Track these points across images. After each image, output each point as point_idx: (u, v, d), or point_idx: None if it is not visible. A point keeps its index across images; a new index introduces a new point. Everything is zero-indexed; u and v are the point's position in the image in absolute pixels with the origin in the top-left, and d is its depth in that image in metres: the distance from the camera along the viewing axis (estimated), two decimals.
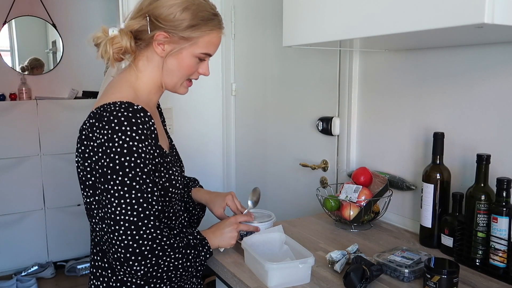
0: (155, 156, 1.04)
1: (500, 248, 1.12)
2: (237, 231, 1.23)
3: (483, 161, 1.19)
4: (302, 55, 2.01)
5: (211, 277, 1.99)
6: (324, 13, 1.20)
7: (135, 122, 0.98)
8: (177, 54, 1.08)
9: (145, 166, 0.99)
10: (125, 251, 0.96)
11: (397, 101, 1.56)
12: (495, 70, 1.26)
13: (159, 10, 1.05)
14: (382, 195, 1.49)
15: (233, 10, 2.46)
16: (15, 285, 3.06)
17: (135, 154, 0.97)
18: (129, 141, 0.97)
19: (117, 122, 0.97)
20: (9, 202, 3.29)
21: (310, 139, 2.00)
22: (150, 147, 1.01)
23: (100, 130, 0.98)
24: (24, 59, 3.58)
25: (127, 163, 0.96)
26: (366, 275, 1.04)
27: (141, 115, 1.00)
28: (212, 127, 2.66)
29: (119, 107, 0.99)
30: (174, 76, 1.12)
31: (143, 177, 0.98)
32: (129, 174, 0.96)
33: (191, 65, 1.11)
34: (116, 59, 1.10)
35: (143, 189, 0.98)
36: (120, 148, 0.96)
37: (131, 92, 1.08)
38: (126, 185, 0.96)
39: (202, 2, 1.08)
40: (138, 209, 0.96)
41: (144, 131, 0.99)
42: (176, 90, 1.16)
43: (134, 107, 1.01)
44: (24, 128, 3.31)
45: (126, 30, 1.09)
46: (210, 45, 1.11)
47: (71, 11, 3.64)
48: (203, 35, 1.08)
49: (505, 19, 0.84)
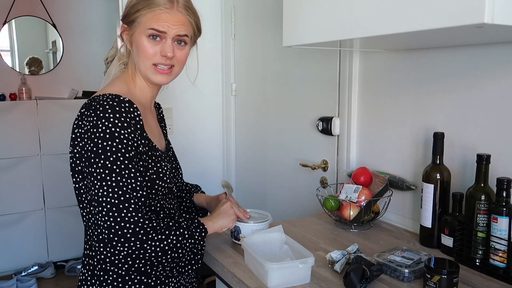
0: (140, 144, 1.09)
1: (500, 248, 1.12)
2: (233, 211, 1.26)
3: (483, 161, 1.19)
4: (302, 55, 2.01)
5: (211, 277, 1.99)
6: (324, 13, 1.20)
7: (119, 111, 1.04)
8: (134, 40, 1.15)
9: (127, 152, 1.03)
10: (108, 231, 1.00)
11: (397, 101, 1.56)
12: (495, 70, 1.26)
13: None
14: (382, 195, 1.49)
15: (233, 10, 2.46)
16: (15, 285, 3.06)
17: (116, 140, 1.02)
18: (111, 127, 1.02)
19: (102, 109, 1.04)
20: (9, 202, 3.29)
21: (310, 139, 2.00)
22: (133, 134, 1.06)
23: (88, 118, 1.05)
24: (24, 59, 3.58)
25: (108, 147, 1.02)
26: (366, 275, 1.04)
27: (126, 105, 1.07)
28: (212, 127, 2.66)
29: (107, 98, 1.06)
30: (139, 62, 1.16)
31: (124, 162, 1.02)
32: (110, 158, 1.01)
33: (146, 46, 1.13)
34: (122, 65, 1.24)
35: (124, 173, 1.02)
36: (103, 133, 1.02)
37: (123, 87, 1.16)
38: (107, 168, 1.01)
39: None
40: (119, 192, 1.01)
41: (127, 119, 1.05)
42: (149, 77, 1.17)
43: (121, 98, 1.07)
44: (24, 128, 3.31)
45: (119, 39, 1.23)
46: (154, 21, 1.12)
47: (71, 11, 3.64)
48: (144, 14, 1.12)
49: (505, 19, 0.84)
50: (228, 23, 2.49)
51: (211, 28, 2.56)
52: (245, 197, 2.51)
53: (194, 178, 2.48)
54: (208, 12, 2.54)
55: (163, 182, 1.15)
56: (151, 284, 1.16)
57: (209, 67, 2.59)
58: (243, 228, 1.30)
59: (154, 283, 1.16)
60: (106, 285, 1.12)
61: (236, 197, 1.64)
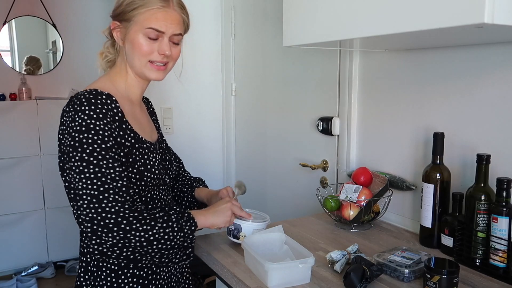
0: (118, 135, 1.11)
1: (500, 248, 1.12)
2: (231, 211, 1.24)
3: (483, 161, 1.19)
4: (302, 55, 2.01)
5: (211, 277, 1.99)
6: (324, 13, 1.20)
7: (95, 103, 1.07)
8: (128, 37, 1.16)
9: (103, 143, 1.05)
10: (91, 224, 1.01)
11: (397, 101, 1.56)
12: (495, 70, 1.26)
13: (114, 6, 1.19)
14: (382, 195, 1.49)
15: (233, 10, 2.46)
16: (15, 285, 3.06)
17: (92, 131, 1.04)
18: (87, 119, 1.05)
19: (79, 103, 1.07)
20: (9, 202, 3.29)
21: (310, 139, 2.00)
22: (109, 125, 1.08)
23: (67, 114, 1.09)
24: (23, 59, 3.58)
25: (84, 139, 1.04)
26: (366, 275, 1.04)
27: (103, 97, 1.10)
28: (212, 127, 2.66)
29: (85, 93, 1.10)
30: (134, 59, 1.17)
31: (101, 153, 1.04)
32: (87, 150, 1.03)
33: (142, 44, 1.15)
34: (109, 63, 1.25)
35: (102, 164, 1.03)
36: (79, 126, 1.05)
37: (106, 83, 1.19)
38: (84, 161, 1.03)
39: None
40: (98, 183, 1.02)
41: (103, 110, 1.08)
42: (145, 74, 1.20)
43: (98, 91, 1.11)
44: (24, 128, 3.30)
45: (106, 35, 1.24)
46: (152, 20, 1.14)
47: (71, 11, 3.64)
48: (142, 13, 1.14)
49: (505, 19, 0.84)
50: (228, 23, 2.49)
51: (211, 28, 2.55)
52: (245, 197, 2.50)
53: None
54: (208, 12, 2.54)
55: (151, 173, 1.17)
56: (143, 276, 1.18)
57: (209, 67, 2.59)
58: (244, 226, 1.29)
59: (146, 274, 1.18)
60: (100, 280, 1.15)
61: None
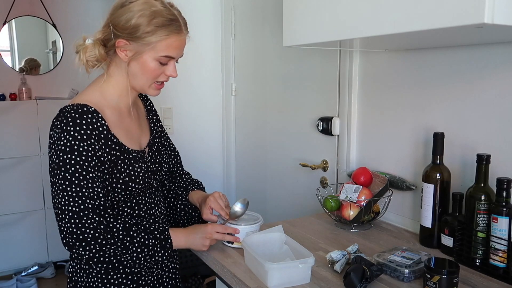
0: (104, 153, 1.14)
1: (500, 248, 1.12)
2: (209, 240, 1.24)
3: (483, 161, 1.19)
4: (302, 55, 2.01)
5: (211, 277, 1.99)
6: (324, 13, 1.20)
7: (79, 123, 1.10)
8: (139, 59, 1.15)
9: (85, 163, 1.09)
10: (70, 237, 1.08)
11: (397, 101, 1.56)
12: (495, 70, 1.26)
13: (118, 19, 1.14)
14: (382, 195, 1.49)
15: (233, 10, 2.46)
16: (15, 285, 3.06)
17: (75, 153, 1.09)
18: (71, 140, 1.09)
19: (65, 122, 1.10)
20: (9, 202, 3.29)
21: (310, 139, 2.00)
22: (93, 146, 1.11)
23: (55, 129, 1.12)
24: (24, 59, 3.58)
25: (68, 160, 1.09)
26: (366, 275, 1.04)
27: (89, 116, 1.12)
28: (212, 127, 2.66)
29: (71, 109, 1.12)
30: (140, 79, 1.19)
31: (82, 173, 1.09)
32: (69, 170, 1.08)
33: (153, 69, 1.17)
34: (91, 65, 1.20)
35: (82, 184, 1.09)
36: (64, 146, 1.09)
37: (96, 95, 1.19)
38: (67, 180, 1.08)
39: (159, 9, 1.13)
40: (79, 201, 1.08)
41: (88, 131, 1.11)
42: (145, 91, 1.23)
43: (85, 108, 1.12)
44: (24, 128, 3.30)
45: (96, 39, 1.18)
46: (169, 48, 1.15)
47: (71, 11, 3.64)
48: (160, 40, 1.13)
49: (505, 19, 0.84)
50: (228, 23, 2.49)
51: (211, 28, 2.55)
52: (245, 197, 2.51)
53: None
54: (208, 12, 2.54)
55: (136, 184, 1.20)
56: (135, 272, 1.23)
57: (209, 67, 2.59)
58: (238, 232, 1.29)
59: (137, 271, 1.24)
60: (92, 276, 1.21)
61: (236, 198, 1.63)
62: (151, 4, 1.13)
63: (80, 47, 1.18)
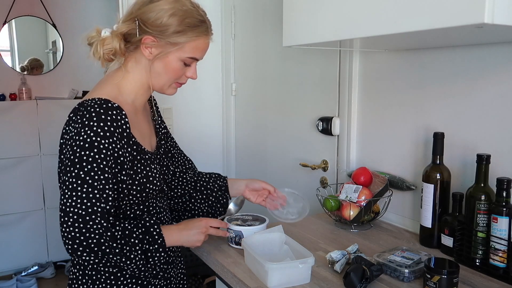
0: (124, 153, 1.07)
1: (500, 248, 1.12)
2: (204, 234, 1.20)
3: (483, 161, 1.19)
4: (302, 55, 2.01)
5: (211, 277, 1.99)
6: (324, 13, 1.20)
7: (104, 119, 1.03)
8: (164, 58, 1.12)
9: (102, 162, 1.02)
10: (73, 242, 1.00)
11: (397, 101, 1.56)
12: (495, 70, 1.26)
13: (147, 15, 1.09)
14: (382, 195, 1.49)
15: (233, 10, 2.46)
16: (15, 285, 3.06)
17: (95, 150, 1.01)
18: (92, 136, 1.01)
19: (88, 117, 1.02)
20: (9, 202, 3.29)
21: (310, 139, 2.00)
22: (115, 144, 1.04)
23: (74, 124, 1.04)
24: (24, 59, 3.58)
25: (85, 157, 1.01)
26: (366, 275, 1.04)
27: (113, 112, 1.05)
28: (212, 127, 2.66)
29: (95, 103, 1.04)
30: (161, 78, 1.16)
31: (98, 173, 1.01)
32: (85, 168, 1.00)
33: (177, 69, 1.15)
34: (106, 59, 1.14)
35: (95, 185, 1.01)
36: (83, 142, 1.01)
37: (114, 90, 1.13)
38: (80, 179, 1.00)
39: (190, 9, 1.12)
40: (87, 204, 1.00)
41: (111, 128, 1.04)
42: (164, 91, 1.20)
43: (109, 104, 1.05)
44: (24, 128, 3.31)
45: (117, 33, 1.12)
46: (197, 50, 1.14)
47: (71, 11, 3.64)
48: (189, 41, 1.11)
49: (505, 19, 0.84)
50: (228, 23, 2.49)
51: None
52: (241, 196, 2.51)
53: None
54: (208, 12, 2.53)
55: (153, 185, 1.16)
56: (142, 279, 1.17)
57: (209, 67, 2.59)
58: (245, 232, 1.29)
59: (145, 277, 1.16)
60: (99, 283, 1.13)
61: None
62: (182, 3, 1.11)
63: (94, 39, 1.13)
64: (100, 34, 1.12)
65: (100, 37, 1.12)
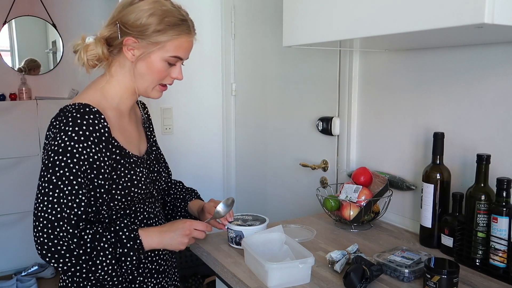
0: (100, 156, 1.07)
1: (500, 248, 1.12)
2: (188, 237, 1.18)
3: (483, 161, 1.19)
4: (302, 55, 2.01)
5: (211, 277, 1.99)
6: (324, 13, 1.20)
7: (79, 123, 1.03)
8: (146, 58, 1.12)
9: (75, 167, 1.02)
10: (41, 247, 1.01)
11: (397, 101, 1.56)
12: (495, 70, 1.26)
13: (127, 17, 1.11)
14: (382, 195, 1.49)
15: (233, 10, 2.46)
16: (15, 285, 3.06)
17: (67, 154, 1.01)
18: (66, 141, 1.02)
19: (65, 122, 1.03)
20: (9, 202, 3.29)
21: (310, 139, 2.00)
22: (89, 149, 1.04)
23: (53, 129, 1.05)
24: (24, 59, 3.59)
25: (58, 161, 1.01)
26: (366, 275, 1.04)
27: (90, 116, 1.06)
28: (212, 127, 2.66)
29: (73, 108, 1.05)
30: (145, 80, 1.15)
31: (70, 178, 1.01)
32: (57, 173, 1.01)
33: (161, 69, 1.14)
34: (91, 65, 1.15)
35: (66, 190, 1.01)
36: (57, 147, 1.02)
37: (97, 95, 1.14)
38: (51, 183, 1.01)
39: (170, 9, 1.12)
40: (57, 209, 1.00)
41: (87, 132, 1.04)
42: (148, 94, 1.19)
43: (87, 109, 1.06)
44: (24, 128, 3.31)
45: (99, 38, 1.14)
46: (179, 49, 1.13)
47: (71, 11, 3.64)
48: (170, 39, 1.11)
49: (505, 19, 0.84)
50: (228, 23, 2.49)
51: (211, 28, 2.55)
52: (245, 198, 2.51)
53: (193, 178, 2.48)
54: (208, 12, 2.54)
55: (138, 189, 1.14)
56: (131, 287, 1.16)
57: (209, 67, 2.59)
58: (246, 232, 1.29)
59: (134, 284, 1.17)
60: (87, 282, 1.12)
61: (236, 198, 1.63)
62: (162, 4, 1.11)
63: (78, 46, 1.14)
64: (85, 40, 1.14)
65: (84, 44, 1.13)
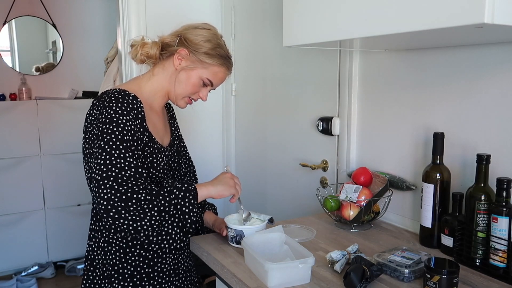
0: (138, 131, 1.25)
1: (500, 248, 1.12)
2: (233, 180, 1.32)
3: (483, 161, 1.19)
4: (302, 55, 2.01)
5: (211, 277, 1.99)
6: (324, 13, 1.20)
7: (121, 101, 1.23)
8: (189, 71, 1.33)
9: (120, 134, 1.18)
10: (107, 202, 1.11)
11: (397, 101, 1.56)
12: (495, 70, 1.26)
13: (189, 34, 1.33)
14: (382, 195, 1.49)
15: (233, 10, 2.46)
16: (15, 285, 3.07)
17: (113, 123, 1.19)
18: (112, 113, 1.20)
19: (108, 100, 1.23)
20: (9, 202, 3.29)
21: (310, 139, 2.00)
22: (130, 122, 1.22)
23: (97, 108, 1.24)
24: (24, 59, 3.59)
25: (105, 129, 1.18)
26: (366, 275, 1.04)
27: (130, 99, 1.25)
28: (212, 127, 2.66)
29: (115, 91, 1.26)
30: (181, 88, 1.34)
31: (116, 143, 1.17)
32: (105, 139, 1.17)
33: (196, 84, 1.34)
34: (140, 60, 1.35)
35: (114, 153, 1.16)
36: (105, 118, 1.20)
37: (135, 86, 1.33)
38: (101, 149, 1.17)
39: (222, 44, 1.37)
40: (113, 169, 1.14)
41: (128, 109, 1.23)
42: (177, 101, 1.38)
43: (126, 92, 1.26)
44: (24, 128, 3.31)
45: (158, 41, 1.36)
46: (215, 76, 1.35)
47: (71, 11, 3.64)
48: (214, 64, 1.33)
49: (505, 19, 0.84)
50: (228, 23, 2.49)
51: None
52: (245, 198, 2.51)
53: None
54: (208, 12, 2.54)
55: (157, 172, 1.31)
56: (149, 257, 1.31)
57: None
58: (246, 231, 1.30)
59: (152, 256, 1.32)
60: (110, 254, 1.30)
61: None
62: (218, 38, 1.36)
63: (137, 42, 1.35)
64: (144, 39, 1.35)
65: (142, 41, 1.34)
